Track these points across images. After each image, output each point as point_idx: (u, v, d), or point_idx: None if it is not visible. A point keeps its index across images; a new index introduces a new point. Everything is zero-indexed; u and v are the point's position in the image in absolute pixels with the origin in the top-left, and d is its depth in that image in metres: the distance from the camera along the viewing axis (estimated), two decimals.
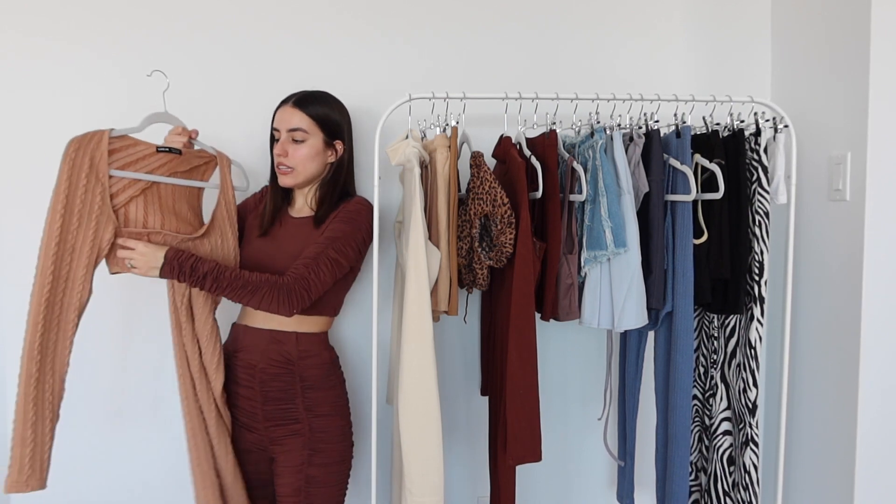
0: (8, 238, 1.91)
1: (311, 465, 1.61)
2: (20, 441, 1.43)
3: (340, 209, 1.65)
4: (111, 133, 1.52)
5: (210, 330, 1.63)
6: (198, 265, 1.47)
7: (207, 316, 1.63)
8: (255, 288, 1.49)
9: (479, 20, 2.03)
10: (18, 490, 1.42)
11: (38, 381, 1.45)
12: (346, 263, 1.59)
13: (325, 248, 1.56)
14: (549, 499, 2.17)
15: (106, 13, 1.90)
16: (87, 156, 1.47)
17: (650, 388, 1.93)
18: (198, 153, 1.66)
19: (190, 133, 1.64)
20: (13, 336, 1.92)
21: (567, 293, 1.67)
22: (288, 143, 1.64)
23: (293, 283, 1.51)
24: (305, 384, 1.62)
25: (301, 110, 1.63)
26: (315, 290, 1.54)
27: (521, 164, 1.62)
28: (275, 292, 1.49)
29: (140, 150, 1.56)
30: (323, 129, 1.65)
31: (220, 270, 1.48)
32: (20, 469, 1.42)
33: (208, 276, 1.47)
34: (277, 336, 1.63)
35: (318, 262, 1.54)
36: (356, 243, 1.61)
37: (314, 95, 1.68)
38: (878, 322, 1.69)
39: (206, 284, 1.47)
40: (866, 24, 1.67)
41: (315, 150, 1.65)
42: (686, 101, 1.72)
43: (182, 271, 1.46)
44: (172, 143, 1.61)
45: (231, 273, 1.49)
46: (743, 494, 1.78)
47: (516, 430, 1.59)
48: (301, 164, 1.64)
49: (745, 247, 1.70)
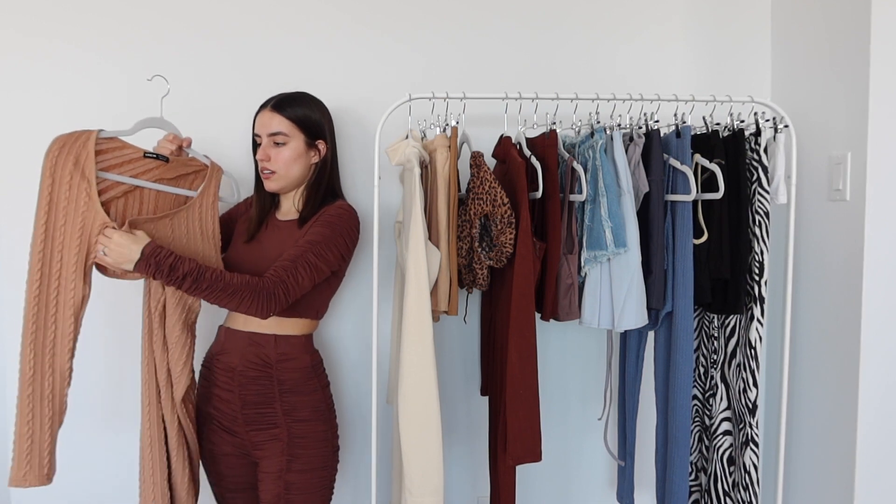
0: (8, 238, 1.91)
1: (291, 471, 1.58)
2: (19, 437, 1.45)
3: (323, 212, 1.62)
4: (100, 134, 1.51)
5: (179, 335, 1.59)
6: (178, 265, 1.42)
7: (177, 321, 1.59)
8: (234, 291, 1.46)
9: (479, 20, 2.03)
10: (18, 485, 1.44)
11: (32, 380, 1.45)
12: (325, 268, 1.57)
13: (304, 251, 1.54)
14: (549, 499, 2.17)
15: (106, 14, 1.90)
16: (71, 154, 1.46)
17: (650, 388, 1.93)
18: (188, 161, 1.63)
19: (182, 141, 1.62)
20: (13, 336, 1.92)
21: (567, 293, 1.67)
22: (269, 147, 1.62)
23: (271, 285, 1.49)
24: (283, 388, 1.60)
25: (279, 113, 1.62)
26: (293, 293, 1.52)
27: (521, 164, 1.62)
28: (253, 295, 1.47)
29: (127, 153, 1.55)
30: (303, 130, 1.64)
31: (200, 271, 1.44)
32: (19, 464, 1.45)
33: (188, 276, 1.42)
34: (256, 338, 1.61)
35: (296, 264, 1.52)
36: (337, 248, 1.58)
37: (292, 97, 1.66)
38: (878, 322, 1.69)
39: (185, 285, 1.43)
40: (866, 24, 1.67)
41: (297, 152, 1.64)
42: (686, 101, 1.72)
43: (160, 269, 1.41)
44: (162, 150, 1.60)
45: (212, 274, 1.45)
46: (743, 494, 1.78)
47: (516, 430, 1.59)
48: (284, 168, 1.63)
49: (745, 247, 1.70)
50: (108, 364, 1.97)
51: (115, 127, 1.69)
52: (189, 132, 1.68)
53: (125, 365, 1.97)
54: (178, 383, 1.59)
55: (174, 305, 1.60)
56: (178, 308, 1.60)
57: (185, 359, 1.60)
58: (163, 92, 1.74)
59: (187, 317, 1.62)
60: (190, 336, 1.63)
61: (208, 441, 1.67)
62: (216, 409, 1.64)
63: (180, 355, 1.59)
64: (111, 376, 1.98)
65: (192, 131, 1.70)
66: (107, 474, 1.99)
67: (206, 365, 1.70)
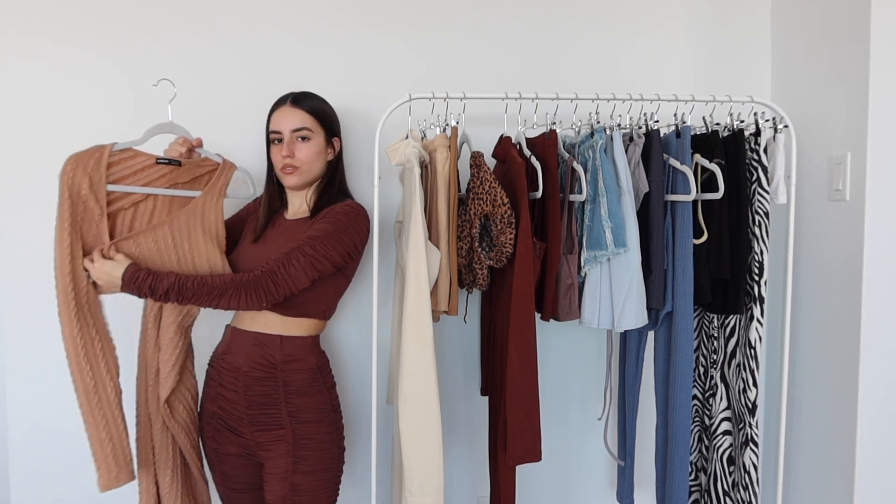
0: (8, 238, 1.91)
1: (296, 472, 1.58)
2: (98, 443, 1.51)
3: (329, 210, 1.61)
4: (113, 148, 1.52)
5: (172, 336, 1.61)
6: (157, 284, 1.46)
7: (172, 322, 1.61)
8: (221, 291, 1.48)
9: (479, 20, 2.03)
10: (112, 486, 1.51)
11: (95, 388, 1.50)
12: (325, 263, 1.54)
13: (301, 244, 1.53)
14: (549, 499, 2.17)
15: (106, 14, 1.90)
16: (85, 175, 1.48)
17: (650, 388, 1.93)
18: (200, 162, 1.64)
19: (192, 143, 1.62)
20: (13, 336, 1.92)
21: (567, 293, 1.67)
22: (294, 142, 1.62)
23: (260, 276, 1.49)
24: (289, 389, 1.59)
25: (301, 108, 1.63)
26: (283, 284, 1.51)
27: (521, 164, 1.62)
28: (241, 289, 1.48)
29: (139, 161, 1.56)
30: (323, 125, 1.66)
31: (181, 283, 1.46)
32: (108, 468, 1.51)
33: (171, 291, 1.46)
34: (262, 339, 1.61)
35: (289, 256, 1.52)
36: (341, 245, 1.56)
37: (307, 94, 1.68)
38: (878, 322, 1.69)
39: (171, 298, 1.47)
40: (866, 24, 1.67)
41: (319, 147, 1.65)
42: (686, 101, 1.72)
43: (142, 291, 1.47)
44: (173, 153, 1.60)
45: (193, 282, 1.47)
46: (743, 494, 1.78)
47: (516, 430, 1.59)
48: (308, 163, 1.63)
49: (745, 247, 1.70)
50: None
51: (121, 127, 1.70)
52: (193, 133, 1.68)
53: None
54: (165, 383, 1.61)
55: (172, 306, 1.61)
56: (175, 310, 1.62)
57: (175, 360, 1.61)
58: (169, 96, 1.72)
59: (184, 319, 1.63)
60: (183, 339, 1.64)
61: (213, 441, 1.67)
62: (222, 408, 1.64)
63: (170, 356, 1.61)
64: None
65: (195, 132, 1.70)
66: None
67: (213, 364, 1.69)
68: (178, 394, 1.64)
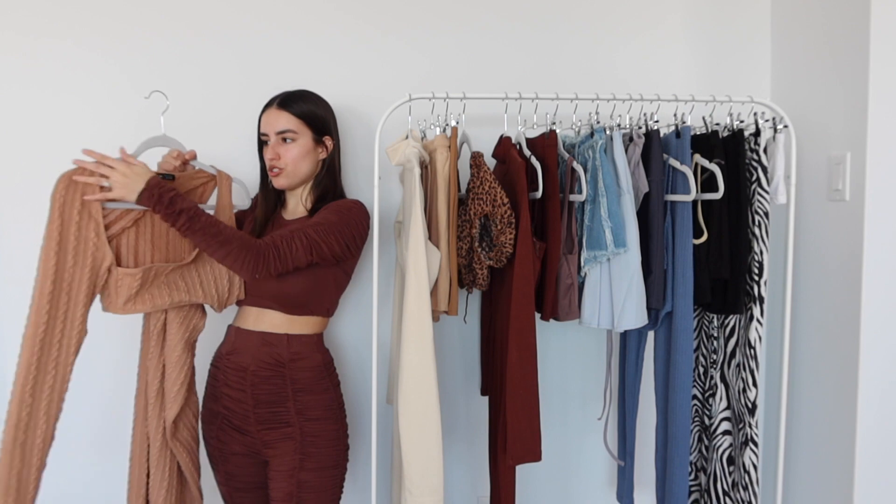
0: (9, 238, 1.91)
1: (303, 469, 1.59)
2: (3, 490, 1.35)
3: (334, 203, 1.63)
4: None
5: (180, 354, 1.59)
6: (176, 199, 1.42)
7: (179, 340, 1.59)
8: (225, 240, 1.45)
9: (479, 20, 2.03)
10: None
11: (27, 427, 1.38)
12: (325, 249, 1.55)
13: (305, 227, 1.54)
14: (549, 499, 2.17)
15: (106, 14, 1.90)
16: (77, 192, 1.41)
17: (650, 388, 1.93)
18: (194, 175, 1.61)
19: (185, 156, 1.61)
20: (13, 336, 1.92)
21: (567, 293, 1.67)
22: (278, 145, 1.63)
23: (264, 246, 1.48)
24: (297, 387, 1.61)
25: (286, 111, 1.63)
26: (284, 259, 1.50)
27: (521, 164, 1.62)
28: (243, 251, 1.46)
29: None
30: (311, 126, 1.65)
31: (196, 212, 1.44)
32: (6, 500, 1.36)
33: (183, 213, 1.42)
34: (268, 338, 1.62)
35: (293, 234, 1.52)
36: (342, 237, 1.57)
37: (297, 94, 1.67)
38: (878, 322, 1.69)
39: (180, 222, 1.42)
40: (866, 24, 1.67)
41: (305, 148, 1.65)
42: (686, 102, 1.72)
43: (160, 201, 1.41)
44: (167, 166, 1.58)
45: (207, 219, 1.45)
46: (743, 494, 1.78)
47: (516, 430, 1.59)
48: (293, 164, 1.63)
49: (744, 247, 1.71)
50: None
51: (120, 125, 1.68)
52: (190, 133, 1.67)
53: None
54: (173, 405, 1.58)
55: (178, 323, 1.59)
56: (182, 326, 1.59)
57: (184, 378, 1.60)
58: (162, 107, 1.68)
59: (190, 335, 1.62)
60: (190, 356, 1.63)
61: (217, 440, 1.67)
62: (226, 408, 1.64)
63: (178, 375, 1.59)
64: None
65: (193, 131, 1.69)
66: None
67: (216, 364, 1.69)
68: (182, 413, 1.62)
